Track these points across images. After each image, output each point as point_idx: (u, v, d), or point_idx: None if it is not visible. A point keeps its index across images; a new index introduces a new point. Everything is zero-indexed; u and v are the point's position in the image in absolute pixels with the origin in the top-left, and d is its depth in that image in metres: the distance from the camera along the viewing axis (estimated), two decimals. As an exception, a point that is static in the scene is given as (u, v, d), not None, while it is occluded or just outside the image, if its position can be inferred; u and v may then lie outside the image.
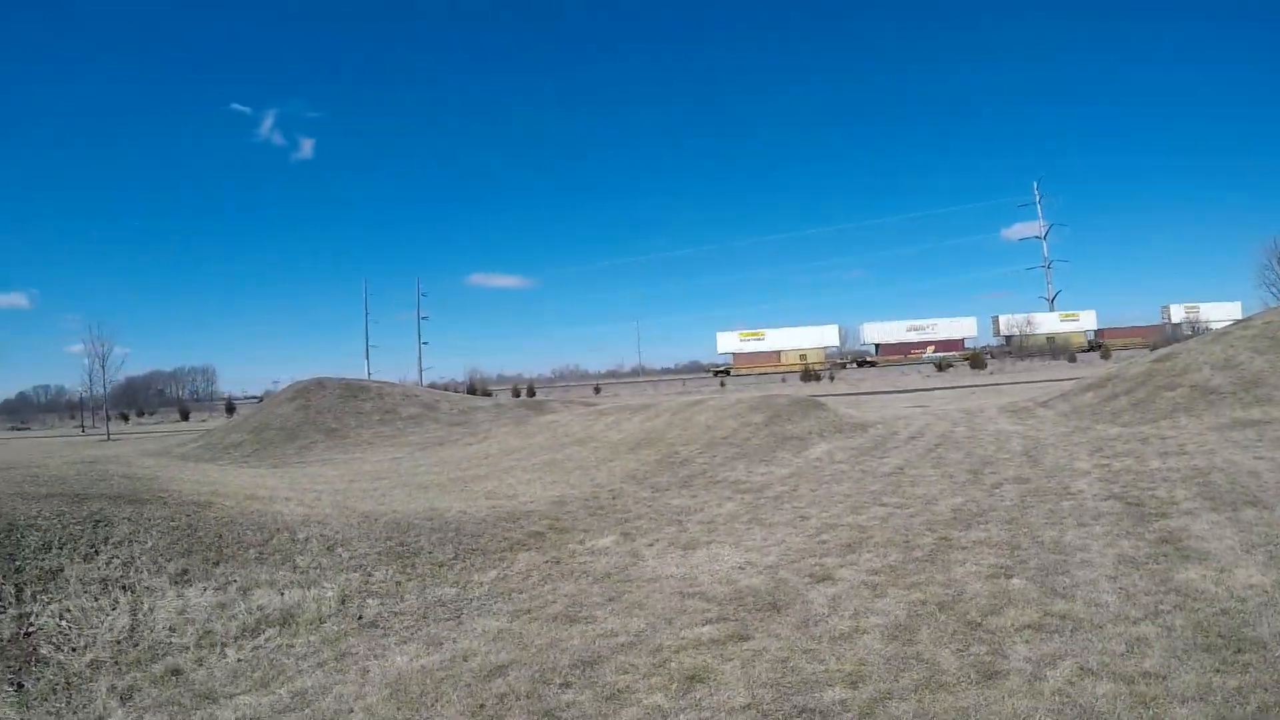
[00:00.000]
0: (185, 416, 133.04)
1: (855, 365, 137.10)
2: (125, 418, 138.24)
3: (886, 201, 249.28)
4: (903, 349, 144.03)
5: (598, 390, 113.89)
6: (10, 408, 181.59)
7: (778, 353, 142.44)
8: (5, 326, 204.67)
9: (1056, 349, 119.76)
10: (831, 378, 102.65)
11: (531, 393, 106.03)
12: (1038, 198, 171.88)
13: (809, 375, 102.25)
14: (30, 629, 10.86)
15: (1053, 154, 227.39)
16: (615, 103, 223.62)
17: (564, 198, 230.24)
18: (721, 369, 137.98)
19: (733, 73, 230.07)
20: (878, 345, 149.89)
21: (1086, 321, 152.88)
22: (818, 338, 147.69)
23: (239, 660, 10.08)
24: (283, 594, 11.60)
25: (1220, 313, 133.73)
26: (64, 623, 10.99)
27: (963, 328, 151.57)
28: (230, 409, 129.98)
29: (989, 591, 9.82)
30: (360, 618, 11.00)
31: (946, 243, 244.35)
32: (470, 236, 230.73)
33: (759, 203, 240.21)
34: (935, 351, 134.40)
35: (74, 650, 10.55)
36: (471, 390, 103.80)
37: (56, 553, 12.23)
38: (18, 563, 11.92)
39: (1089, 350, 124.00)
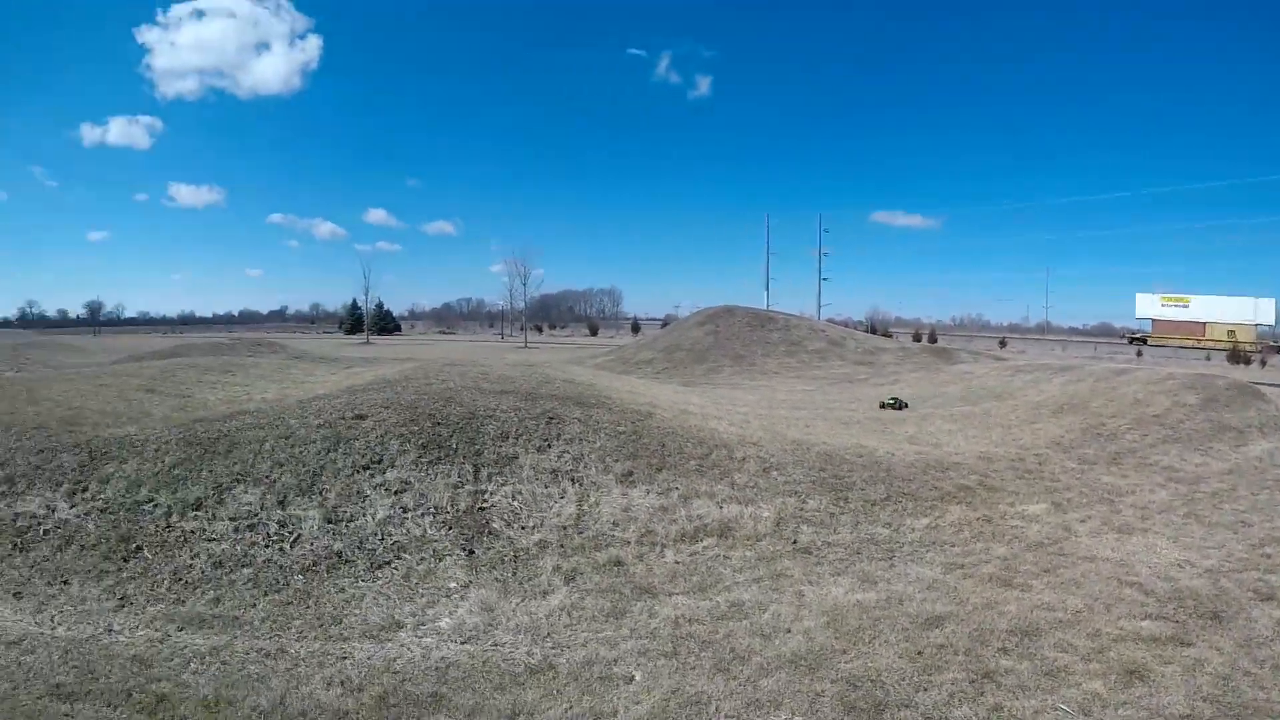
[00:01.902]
0: (594, 332, 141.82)
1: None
2: (539, 329, 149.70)
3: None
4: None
5: (1003, 344, 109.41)
6: (438, 315, 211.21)
7: (1202, 324, 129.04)
8: (437, 249, 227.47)
9: None
10: (1263, 363, 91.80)
11: (933, 339, 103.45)
12: None
13: (1237, 356, 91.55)
14: (484, 505, 12.01)
15: None
16: (1029, 31, 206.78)
17: (971, 134, 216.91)
18: (1137, 335, 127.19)
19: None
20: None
21: None
22: (1249, 311, 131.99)
23: (677, 563, 10.63)
24: (721, 507, 12.10)
25: None
26: (516, 504, 12.07)
27: None
28: (636, 328, 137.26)
29: None
30: (795, 542, 11.26)
31: None
32: (873, 172, 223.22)
33: (1196, 143, 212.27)
34: None
35: (523, 529, 11.57)
36: (872, 330, 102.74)
37: (513, 442, 13.41)
38: (477, 447, 13.20)
39: None
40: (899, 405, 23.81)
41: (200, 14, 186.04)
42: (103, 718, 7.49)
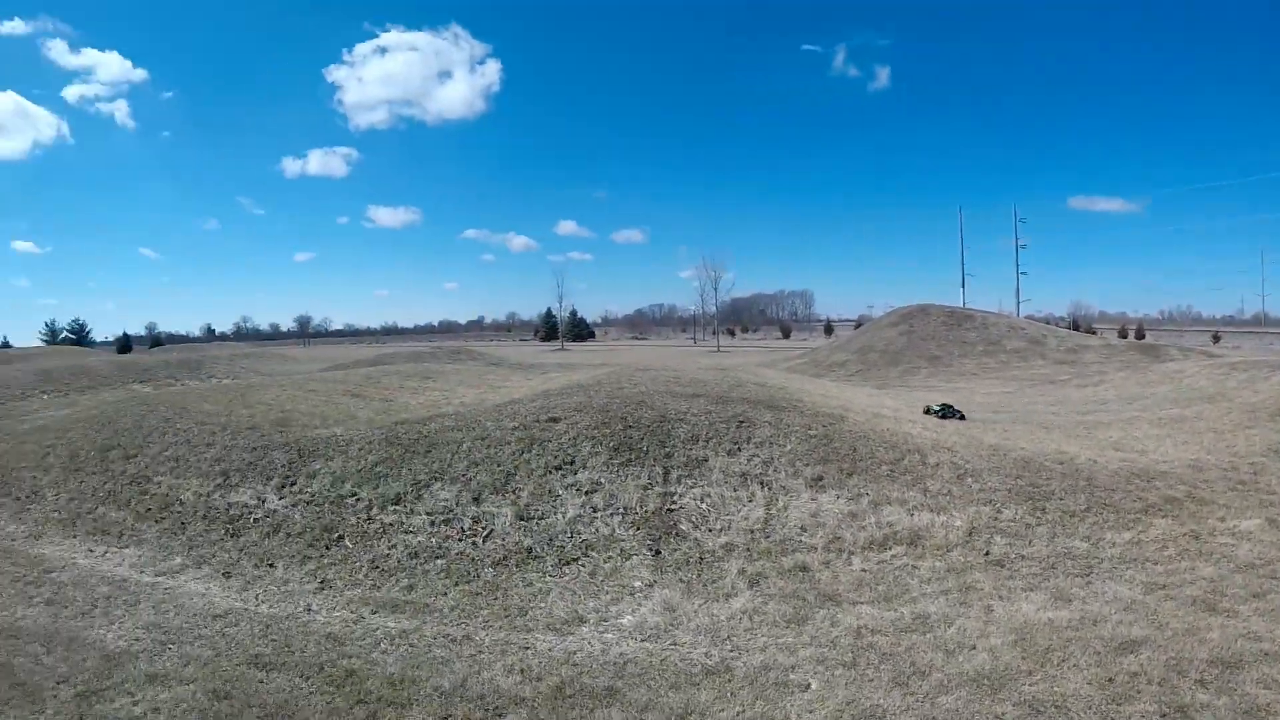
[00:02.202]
0: (786, 335, 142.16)
1: None
2: (731, 333, 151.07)
3: None
4: None
5: (1216, 339, 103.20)
6: (630, 321, 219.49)
7: None
8: (627, 256, 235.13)
9: None
10: None
11: (1140, 335, 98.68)
12: None
13: None
14: (673, 507, 12.15)
15: None
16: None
17: (1175, 107, 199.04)
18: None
19: None
20: None
21: None
22: None
23: (863, 571, 10.47)
24: (912, 515, 11.82)
25: None
26: (704, 506, 12.16)
27: None
28: (829, 330, 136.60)
29: None
30: (987, 553, 10.84)
31: None
32: (1068, 153, 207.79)
33: None
34: None
35: (710, 531, 11.65)
36: (1074, 327, 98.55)
37: (703, 445, 13.53)
38: (667, 449, 13.38)
39: None
40: (946, 413, 21.66)
41: (383, 50, 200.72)
42: (294, 687, 8.12)
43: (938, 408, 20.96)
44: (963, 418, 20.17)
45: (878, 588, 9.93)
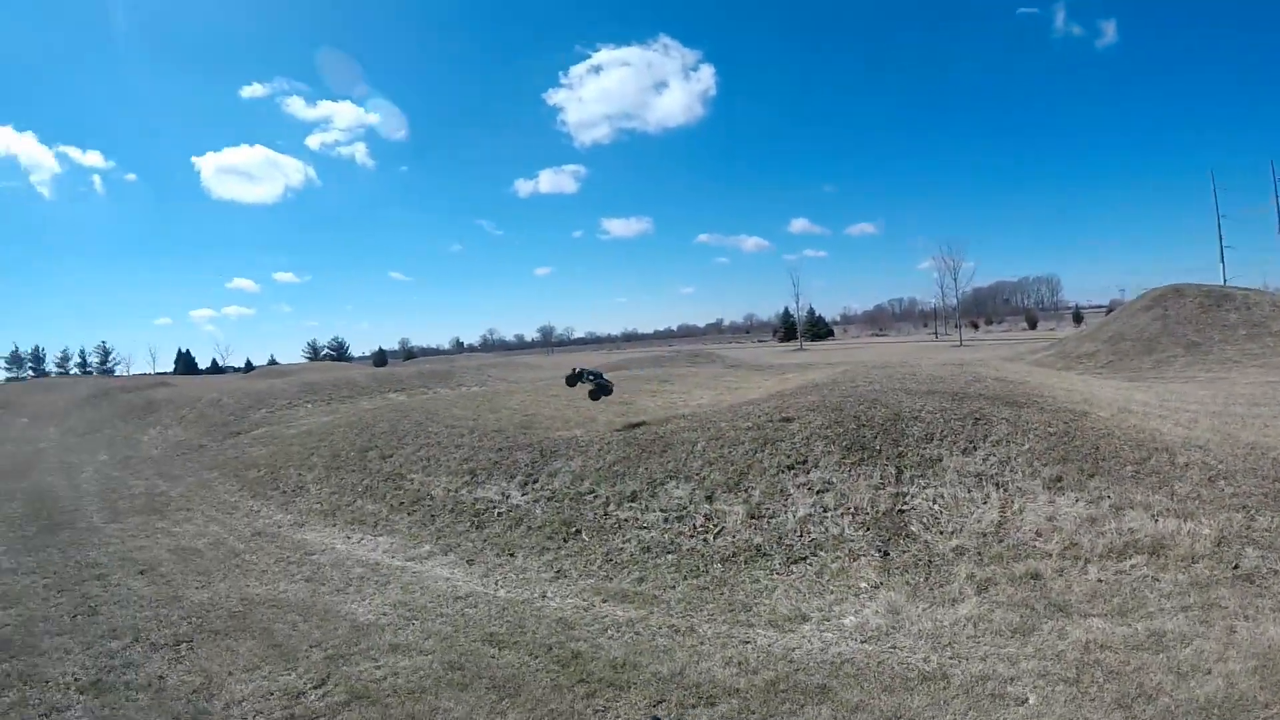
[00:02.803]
0: (1032, 325, 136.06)
1: None
2: (974, 325, 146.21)
3: None
4: None
5: None
6: (869, 317, 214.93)
7: None
8: (862, 250, 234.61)
9: None
10: None
11: None
12: None
13: None
14: (904, 507, 12.10)
15: None
16: None
17: None
18: None
19: None
20: None
21: None
22: None
23: (1099, 581, 9.99)
24: (1156, 521, 10.99)
25: None
26: (936, 507, 12.03)
27: None
28: (1078, 318, 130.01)
29: None
30: (1236, 566, 9.87)
31: None
32: None
33: None
34: None
35: (941, 534, 11.52)
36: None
37: (937, 444, 13.36)
38: (900, 448, 13.31)
39: None
40: (586, 381, 18.99)
41: (597, 69, 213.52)
42: (522, 664, 8.86)
43: (589, 374, 19.21)
44: (605, 392, 19.09)
45: (1112, 600, 9.49)
